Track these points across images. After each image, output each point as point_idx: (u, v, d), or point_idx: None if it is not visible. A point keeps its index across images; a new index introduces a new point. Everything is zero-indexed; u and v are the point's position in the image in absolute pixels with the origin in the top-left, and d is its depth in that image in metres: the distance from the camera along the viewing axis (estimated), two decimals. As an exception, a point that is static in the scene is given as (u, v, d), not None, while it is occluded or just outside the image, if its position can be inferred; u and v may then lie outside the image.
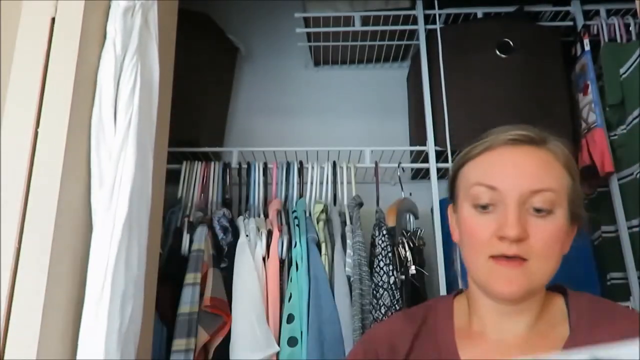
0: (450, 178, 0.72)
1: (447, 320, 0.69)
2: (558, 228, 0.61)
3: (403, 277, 1.32)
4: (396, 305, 1.26)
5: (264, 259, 1.31)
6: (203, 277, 1.25)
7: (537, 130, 0.67)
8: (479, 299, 0.67)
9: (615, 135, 1.48)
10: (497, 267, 0.60)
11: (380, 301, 1.26)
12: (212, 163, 1.54)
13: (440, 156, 1.55)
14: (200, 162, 1.54)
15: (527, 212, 0.60)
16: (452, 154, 1.51)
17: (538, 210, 0.60)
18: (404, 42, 1.81)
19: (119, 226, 0.72)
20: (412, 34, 1.77)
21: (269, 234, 1.34)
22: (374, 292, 1.29)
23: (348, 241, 1.33)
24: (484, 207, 0.62)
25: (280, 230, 1.35)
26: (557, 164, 0.64)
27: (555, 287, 0.70)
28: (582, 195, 0.67)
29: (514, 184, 0.61)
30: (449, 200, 0.73)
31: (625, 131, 1.44)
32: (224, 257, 1.34)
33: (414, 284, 1.32)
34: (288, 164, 1.53)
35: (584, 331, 0.62)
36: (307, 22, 1.74)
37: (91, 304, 0.69)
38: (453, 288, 1.41)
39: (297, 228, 1.34)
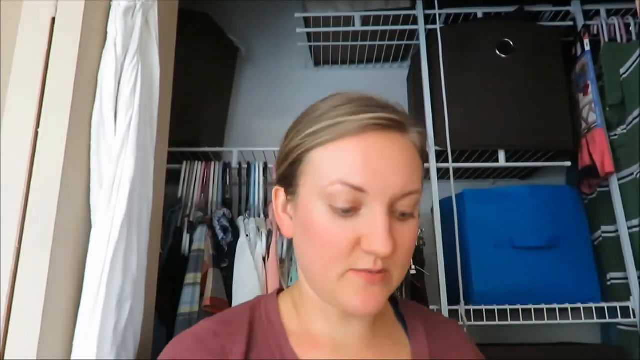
0: (288, 159, 0.57)
1: (277, 325, 0.58)
2: (416, 228, 0.55)
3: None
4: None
5: (264, 258, 1.31)
6: (203, 277, 1.25)
7: (394, 107, 0.56)
8: (313, 302, 0.59)
9: (615, 135, 1.48)
10: (356, 280, 0.51)
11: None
12: (212, 163, 1.54)
13: (440, 156, 1.55)
14: (200, 162, 1.54)
15: (393, 215, 0.52)
16: (452, 154, 1.51)
17: (403, 214, 0.52)
18: (404, 42, 1.81)
19: (117, 226, 0.72)
20: (412, 34, 1.77)
21: (269, 233, 1.34)
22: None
23: (348, 241, 1.33)
24: (347, 211, 0.51)
25: (280, 230, 1.35)
26: (417, 155, 0.55)
27: None
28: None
29: (385, 185, 0.51)
30: (278, 182, 0.60)
31: (625, 131, 1.44)
32: (224, 257, 1.34)
33: (414, 284, 1.32)
34: (288, 164, 1.53)
35: (422, 339, 0.62)
36: (307, 22, 1.74)
37: (87, 304, 0.69)
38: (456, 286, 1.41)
39: (297, 228, 1.34)
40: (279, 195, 0.60)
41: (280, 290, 0.66)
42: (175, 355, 0.54)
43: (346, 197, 0.51)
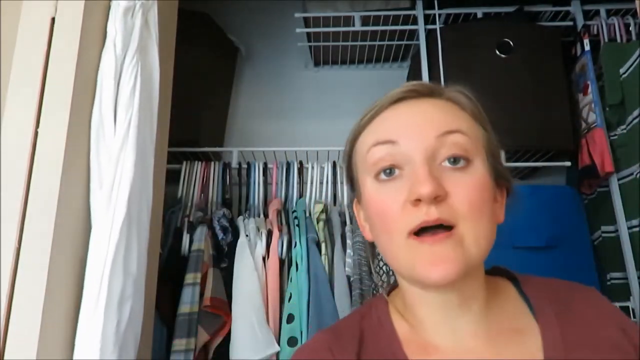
0: (345, 165, 0.60)
1: (391, 333, 0.55)
2: (481, 180, 0.50)
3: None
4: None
5: (264, 259, 1.31)
6: (203, 277, 1.25)
7: (435, 84, 0.58)
8: (414, 297, 0.55)
9: (615, 135, 1.48)
10: (420, 246, 0.48)
11: (380, 301, 1.26)
12: (212, 163, 1.54)
13: (440, 156, 1.55)
14: (200, 162, 1.54)
15: (442, 168, 0.50)
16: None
17: (454, 162, 0.49)
18: (404, 42, 1.81)
19: (117, 227, 0.72)
20: (412, 34, 1.77)
21: (269, 234, 1.34)
22: (374, 292, 1.28)
23: (348, 241, 1.33)
24: (390, 174, 0.51)
25: (280, 230, 1.35)
26: (462, 113, 0.55)
27: (496, 270, 0.62)
28: (500, 149, 0.59)
29: (417, 135, 0.50)
30: (352, 194, 0.61)
31: (625, 131, 1.44)
32: (224, 257, 1.34)
33: (414, 284, 1.32)
34: (288, 164, 1.53)
35: (554, 321, 0.52)
36: (307, 22, 1.74)
37: (88, 305, 0.69)
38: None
39: (297, 228, 1.34)
40: (358, 209, 0.61)
41: (391, 290, 0.62)
42: None
43: (382, 155, 0.51)
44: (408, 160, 0.50)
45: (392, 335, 0.54)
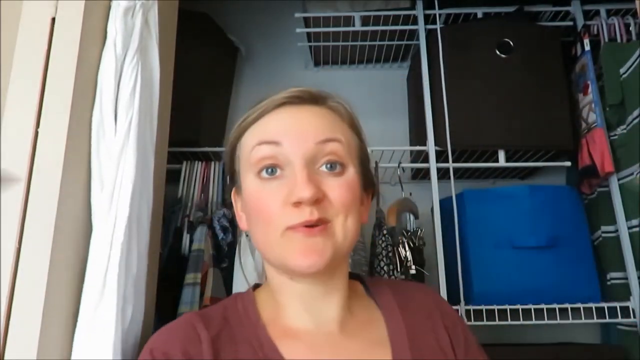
0: (227, 157, 0.66)
1: (255, 318, 0.60)
2: (352, 184, 0.58)
3: (403, 277, 1.32)
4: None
5: (264, 258, 1.31)
6: (203, 277, 1.25)
7: (317, 90, 0.63)
8: (280, 285, 0.61)
9: (615, 135, 1.48)
10: (295, 237, 0.54)
11: (380, 301, 1.26)
12: (212, 163, 1.54)
13: (440, 156, 1.55)
14: (200, 162, 1.54)
15: (320, 172, 0.56)
16: (452, 154, 1.51)
17: (330, 167, 0.56)
18: (404, 42, 1.81)
19: (120, 228, 0.72)
20: (412, 34, 1.77)
21: (269, 234, 1.34)
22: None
23: (348, 241, 1.33)
24: (271, 172, 0.56)
25: (281, 230, 1.35)
26: (340, 122, 0.61)
27: (350, 275, 0.68)
28: (369, 158, 0.67)
29: (298, 140, 0.56)
30: (231, 183, 0.66)
31: (625, 131, 1.44)
32: (224, 257, 1.34)
33: (414, 284, 1.32)
34: (288, 164, 1.53)
35: (397, 312, 0.62)
36: (307, 22, 1.74)
37: (89, 306, 0.69)
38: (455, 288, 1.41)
39: (297, 228, 1.34)
40: (236, 199, 0.66)
41: (257, 287, 0.69)
42: (153, 345, 0.58)
43: (265, 154, 0.56)
44: (289, 162, 0.56)
45: (256, 320, 0.59)
